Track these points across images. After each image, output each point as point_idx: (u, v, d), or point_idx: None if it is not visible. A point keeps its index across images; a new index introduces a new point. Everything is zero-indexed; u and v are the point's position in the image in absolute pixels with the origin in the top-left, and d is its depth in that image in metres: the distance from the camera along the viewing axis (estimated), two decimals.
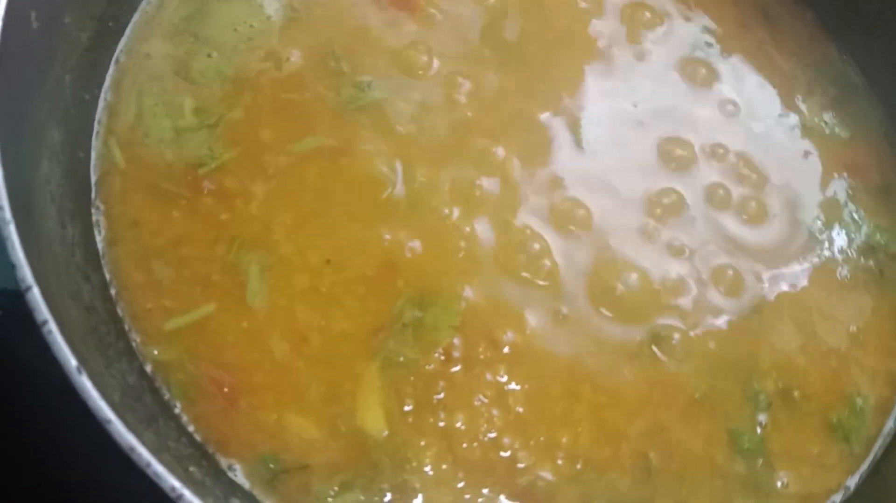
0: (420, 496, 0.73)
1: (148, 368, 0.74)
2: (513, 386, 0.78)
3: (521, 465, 0.75)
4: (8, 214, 0.60)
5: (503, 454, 0.75)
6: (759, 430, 0.80)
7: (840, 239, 0.91)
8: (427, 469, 0.73)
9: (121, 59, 0.88)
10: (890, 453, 0.82)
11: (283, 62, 0.90)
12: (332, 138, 0.87)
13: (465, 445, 0.75)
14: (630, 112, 0.95)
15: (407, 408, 0.75)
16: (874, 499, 0.78)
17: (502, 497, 0.73)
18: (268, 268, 0.79)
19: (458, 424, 0.76)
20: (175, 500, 0.54)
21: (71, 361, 0.57)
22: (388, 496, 0.72)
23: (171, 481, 0.54)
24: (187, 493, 0.54)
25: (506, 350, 0.79)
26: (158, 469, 0.55)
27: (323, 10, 0.95)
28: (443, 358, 0.78)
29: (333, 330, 0.78)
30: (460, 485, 0.73)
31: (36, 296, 0.58)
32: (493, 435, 0.76)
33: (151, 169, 0.82)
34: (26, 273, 0.59)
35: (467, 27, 0.96)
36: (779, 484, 0.79)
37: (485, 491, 0.74)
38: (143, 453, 0.55)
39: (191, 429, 0.72)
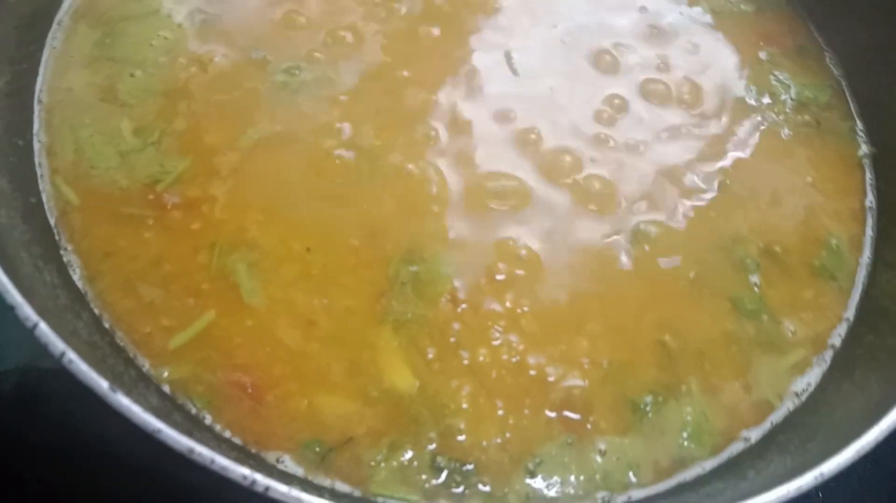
0: (465, 435, 0.74)
1: (166, 389, 0.72)
2: (521, 309, 0.79)
3: (551, 379, 0.77)
4: None
5: (532, 373, 0.77)
6: (756, 291, 0.84)
7: (774, 103, 0.96)
8: (465, 407, 0.74)
9: (44, 99, 0.85)
10: (874, 279, 0.87)
11: (207, 64, 0.89)
12: (275, 125, 0.86)
13: (494, 375, 0.76)
14: (553, 34, 0.97)
15: (430, 358, 0.76)
16: (873, 322, 0.83)
17: (545, 412, 0.75)
18: (254, 264, 0.78)
19: (482, 358, 0.77)
20: (248, 487, 0.53)
21: (102, 383, 0.55)
22: (435, 444, 0.73)
23: (241, 470, 0.54)
24: (260, 477, 0.54)
25: (503, 278, 0.81)
26: (224, 462, 0.54)
27: (231, 4, 0.94)
28: (449, 303, 0.79)
29: (337, 307, 0.77)
30: (500, 413, 0.75)
31: (45, 330, 0.56)
32: (516, 359, 0.77)
33: (108, 198, 0.80)
34: (28, 311, 0.57)
35: None
36: (788, 333, 0.83)
37: (525, 412, 0.75)
38: (203, 451, 0.54)
39: (227, 435, 0.71)
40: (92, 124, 0.84)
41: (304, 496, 0.53)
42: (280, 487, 0.53)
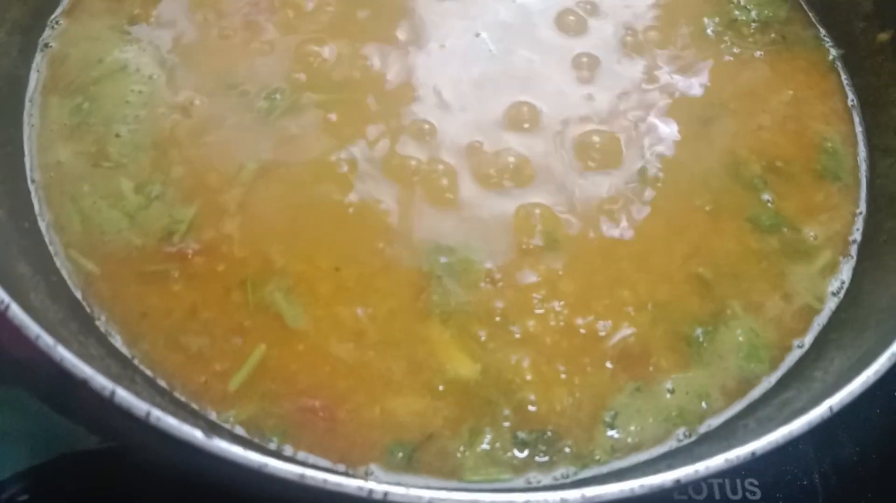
0: (537, 406, 0.74)
1: (240, 431, 0.71)
2: (556, 273, 0.81)
3: (602, 334, 0.78)
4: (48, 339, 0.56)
5: (583, 332, 0.78)
6: (770, 206, 0.87)
7: (741, 29, 0.99)
8: (530, 378, 0.75)
9: (36, 178, 0.83)
10: (875, 169, 0.90)
11: (189, 108, 0.88)
12: (271, 152, 0.86)
13: (548, 341, 0.77)
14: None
15: (483, 339, 0.77)
16: (887, 208, 0.86)
17: (607, 365, 0.76)
18: (290, 291, 0.78)
19: (532, 329, 0.78)
20: (366, 497, 0.54)
21: (195, 433, 0.55)
22: (510, 422, 0.74)
23: (356, 483, 0.54)
24: (374, 485, 0.54)
25: (530, 248, 0.82)
26: (337, 479, 0.54)
27: (194, 46, 0.93)
28: (488, 284, 0.80)
29: (381, 312, 0.78)
30: (564, 376, 0.76)
31: (123, 395, 0.56)
32: (564, 322, 0.78)
33: (128, 260, 0.79)
34: (102, 381, 0.56)
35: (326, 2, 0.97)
36: (810, 238, 0.85)
37: (588, 369, 0.76)
38: (315, 474, 0.54)
39: (313, 460, 0.71)
40: (92, 191, 0.83)
41: (424, 493, 0.53)
42: (398, 490, 0.53)
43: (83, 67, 0.91)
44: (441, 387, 0.74)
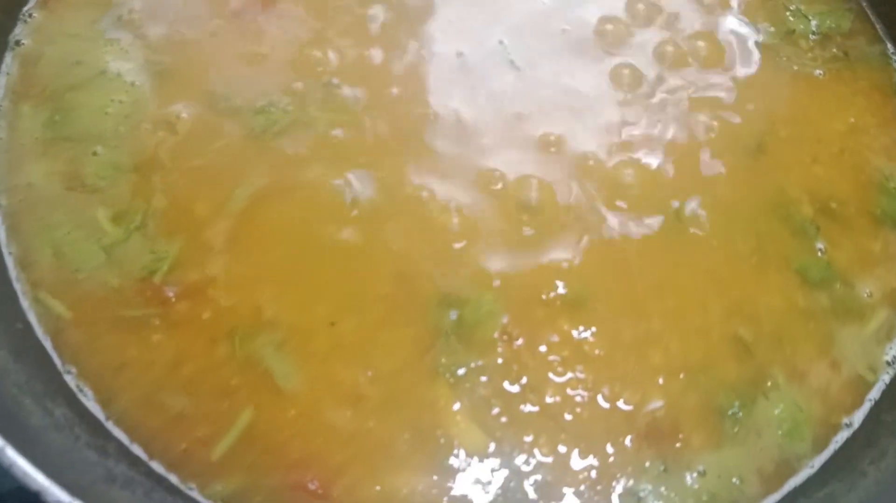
0: (553, 488, 0.67)
1: None
2: (580, 332, 0.72)
3: (629, 407, 0.70)
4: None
5: (607, 406, 0.70)
6: (821, 256, 0.77)
7: (798, 42, 0.88)
8: (547, 460, 0.68)
9: (3, 202, 0.75)
10: None
11: (175, 124, 0.79)
12: (264, 177, 0.77)
13: (569, 417, 0.69)
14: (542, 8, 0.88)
15: (496, 411, 0.69)
16: None
17: (631, 440, 0.69)
18: (281, 345, 0.70)
19: (551, 399, 0.70)
20: None
21: None
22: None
23: None
24: None
25: (552, 300, 0.73)
26: None
27: (183, 47, 0.83)
28: (504, 342, 0.71)
29: (382, 374, 0.70)
30: (585, 454, 0.68)
31: None
32: (587, 393, 0.70)
33: (103, 303, 0.71)
34: (58, 494, 0.48)
35: None
36: (864, 295, 0.77)
37: (609, 450, 0.69)
38: None
39: None
40: (65, 220, 0.74)
41: None
42: None
43: (59, 70, 0.81)
44: (448, 462, 0.67)
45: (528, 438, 0.68)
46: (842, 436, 0.71)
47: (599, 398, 0.70)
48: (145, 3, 0.85)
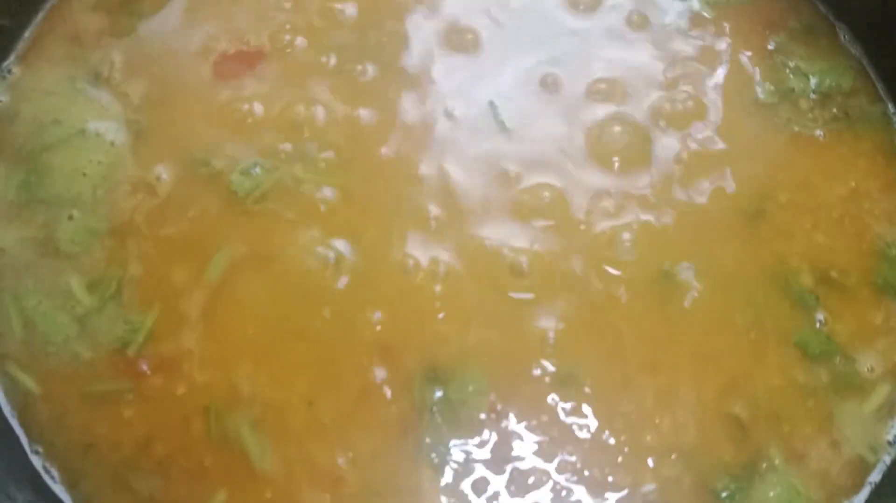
0: None
1: None
2: (571, 410, 0.69)
3: (620, 493, 0.67)
4: None
5: (596, 489, 0.67)
6: (820, 328, 0.75)
7: (799, 101, 0.85)
8: None
9: None
10: None
11: (155, 186, 0.77)
12: (243, 245, 0.74)
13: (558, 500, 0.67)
14: (534, 67, 0.85)
15: (487, 495, 0.66)
16: None
17: None
18: (258, 423, 0.67)
19: (542, 480, 0.67)
20: None
21: None
22: None
23: None
24: None
25: (546, 373, 0.71)
26: None
27: (164, 106, 0.81)
28: (492, 421, 0.69)
29: (363, 455, 0.67)
30: None
31: None
32: (575, 476, 0.68)
33: (74, 377, 0.69)
34: None
35: (326, 52, 0.84)
36: (865, 371, 0.74)
37: None
38: None
39: None
40: (37, 288, 0.72)
41: None
42: None
43: (35, 129, 0.79)
44: None
45: None
46: None
47: (589, 482, 0.67)
48: (126, 60, 0.83)
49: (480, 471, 0.67)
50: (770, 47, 0.88)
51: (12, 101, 0.81)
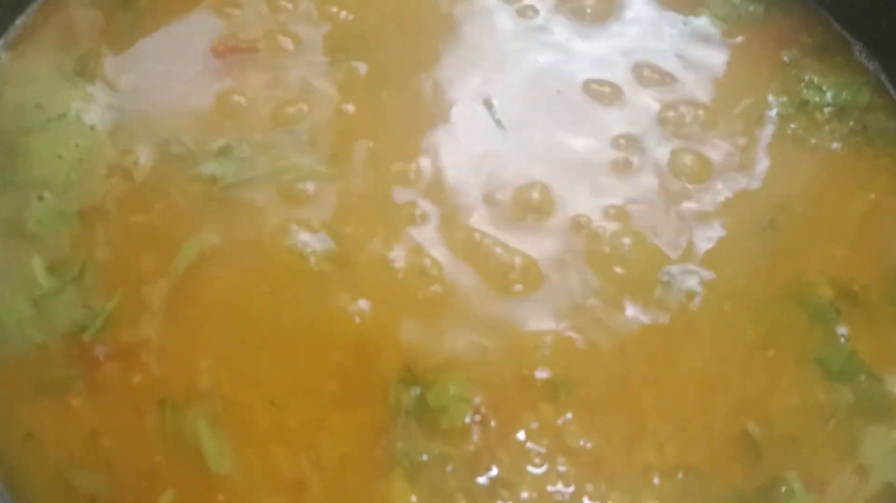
0: None
1: None
2: (564, 419, 0.63)
3: None
4: None
5: None
6: (843, 343, 0.68)
7: (813, 114, 0.81)
8: None
9: None
10: None
11: (132, 170, 0.73)
12: (215, 234, 0.69)
13: None
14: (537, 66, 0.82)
15: None
16: None
17: None
18: (217, 419, 0.61)
19: (526, 495, 0.60)
20: None
21: None
22: None
23: None
24: None
25: (538, 379, 0.64)
26: None
27: (151, 95, 0.78)
28: (475, 427, 0.62)
29: (329, 460, 0.60)
30: None
31: None
32: (570, 489, 0.60)
33: (23, 362, 0.63)
34: None
35: (318, 48, 0.81)
36: (894, 391, 0.66)
37: None
38: None
39: None
40: None
41: None
42: None
43: (16, 114, 0.76)
44: None
45: None
46: None
47: (584, 499, 0.60)
48: (117, 51, 0.81)
49: (457, 480, 0.60)
50: (784, 60, 0.85)
51: None
